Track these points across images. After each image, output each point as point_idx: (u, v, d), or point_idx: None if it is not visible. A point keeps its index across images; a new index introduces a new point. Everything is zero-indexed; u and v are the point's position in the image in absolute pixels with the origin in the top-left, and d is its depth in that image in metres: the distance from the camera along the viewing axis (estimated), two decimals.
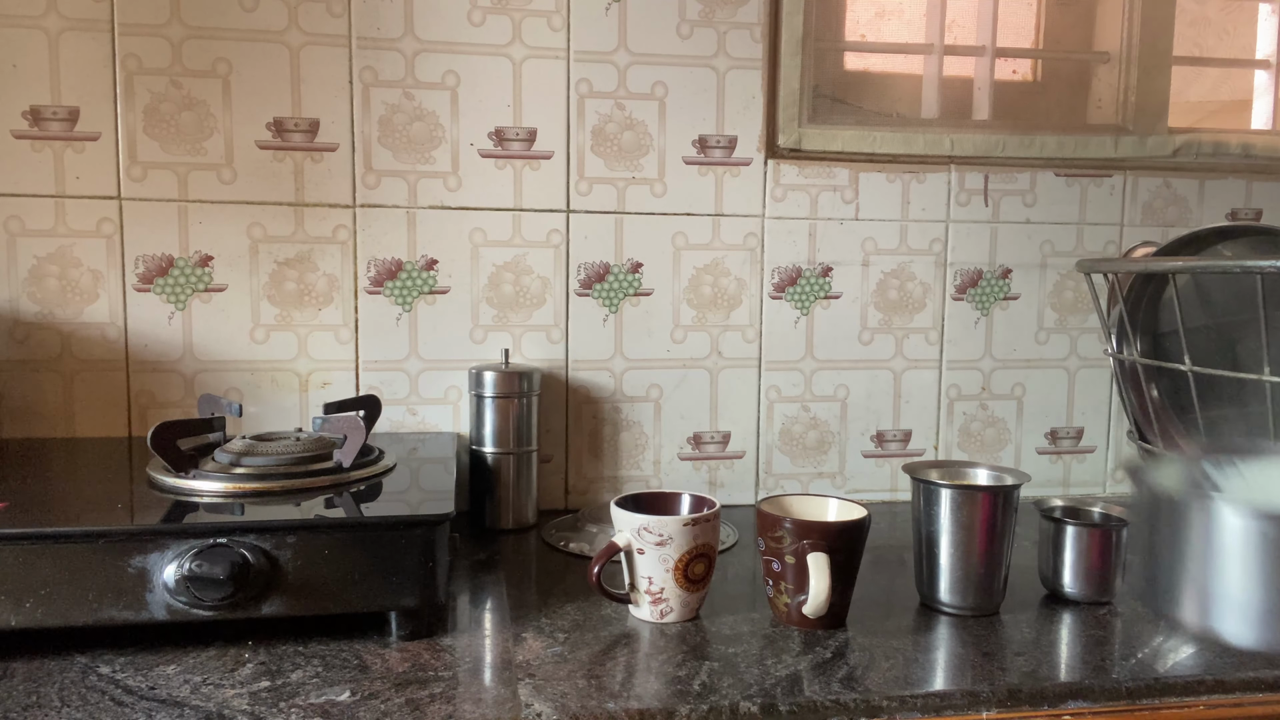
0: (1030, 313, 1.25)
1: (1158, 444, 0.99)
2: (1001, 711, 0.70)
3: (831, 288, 1.20)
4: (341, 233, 1.09)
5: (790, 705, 0.67)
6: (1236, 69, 1.36)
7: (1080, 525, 0.87)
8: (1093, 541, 0.86)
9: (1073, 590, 0.87)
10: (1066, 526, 0.87)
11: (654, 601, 0.81)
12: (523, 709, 0.65)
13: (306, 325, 1.10)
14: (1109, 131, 1.25)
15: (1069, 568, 0.87)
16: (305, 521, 0.75)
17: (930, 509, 0.84)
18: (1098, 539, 0.86)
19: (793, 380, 1.20)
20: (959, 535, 0.83)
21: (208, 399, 0.97)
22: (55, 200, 1.04)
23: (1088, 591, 0.87)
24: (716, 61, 1.15)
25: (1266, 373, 0.81)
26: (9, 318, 1.04)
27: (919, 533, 0.86)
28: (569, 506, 1.17)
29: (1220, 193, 1.27)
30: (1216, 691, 0.72)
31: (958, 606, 0.84)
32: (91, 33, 1.03)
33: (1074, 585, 0.87)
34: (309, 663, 0.71)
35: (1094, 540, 0.86)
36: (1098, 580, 0.86)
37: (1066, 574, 0.87)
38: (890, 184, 1.20)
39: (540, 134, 1.12)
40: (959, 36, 1.28)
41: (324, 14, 1.07)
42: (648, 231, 1.15)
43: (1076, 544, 0.86)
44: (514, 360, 1.13)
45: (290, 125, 1.07)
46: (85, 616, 0.70)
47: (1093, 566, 0.86)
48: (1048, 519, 0.89)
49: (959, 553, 0.83)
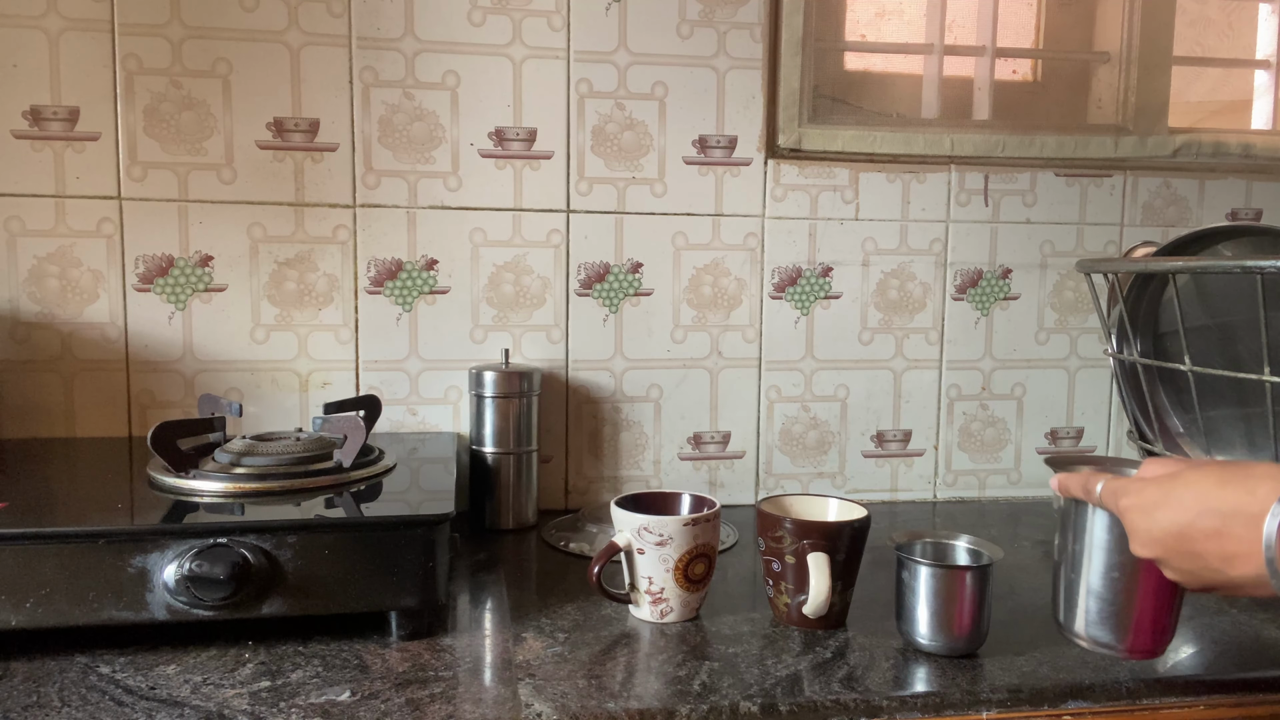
0: (1030, 313, 1.25)
1: (1158, 444, 0.99)
2: (1001, 711, 0.70)
3: (831, 288, 1.20)
4: (341, 233, 1.09)
5: (790, 705, 0.67)
6: (1236, 69, 1.36)
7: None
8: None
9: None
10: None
11: (654, 601, 0.81)
12: (523, 709, 0.65)
13: (306, 325, 1.10)
14: (1109, 131, 1.25)
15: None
16: (305, 521, 0.75)
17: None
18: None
19: (793, 380, 1.20)
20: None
21: (208, 399, 0.97)
22: (55, 200, 1.04)
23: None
24: (716, 61, 1.15)
25: (1266, 373, 0.81)
26: (9, 318, 1.04)
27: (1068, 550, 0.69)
28: (569, 506, 1.17)
29: (1220, 193, 1.27)
30: (1216, 691, 0.72)
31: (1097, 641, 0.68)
32: (91, 33, 1.03)
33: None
34: (309, 663, 0.71)
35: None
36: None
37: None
38: (890, 184, 1.20)
39: (540, 134, 1.12)
40: (959, 36, 1.28)
41: (324, 14, 1.07)
42: (648, 231, 1.15)
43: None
44: (514, 360, 1.13)
45: (290, 125, 1.07)
46: (85, 616, 0.70)
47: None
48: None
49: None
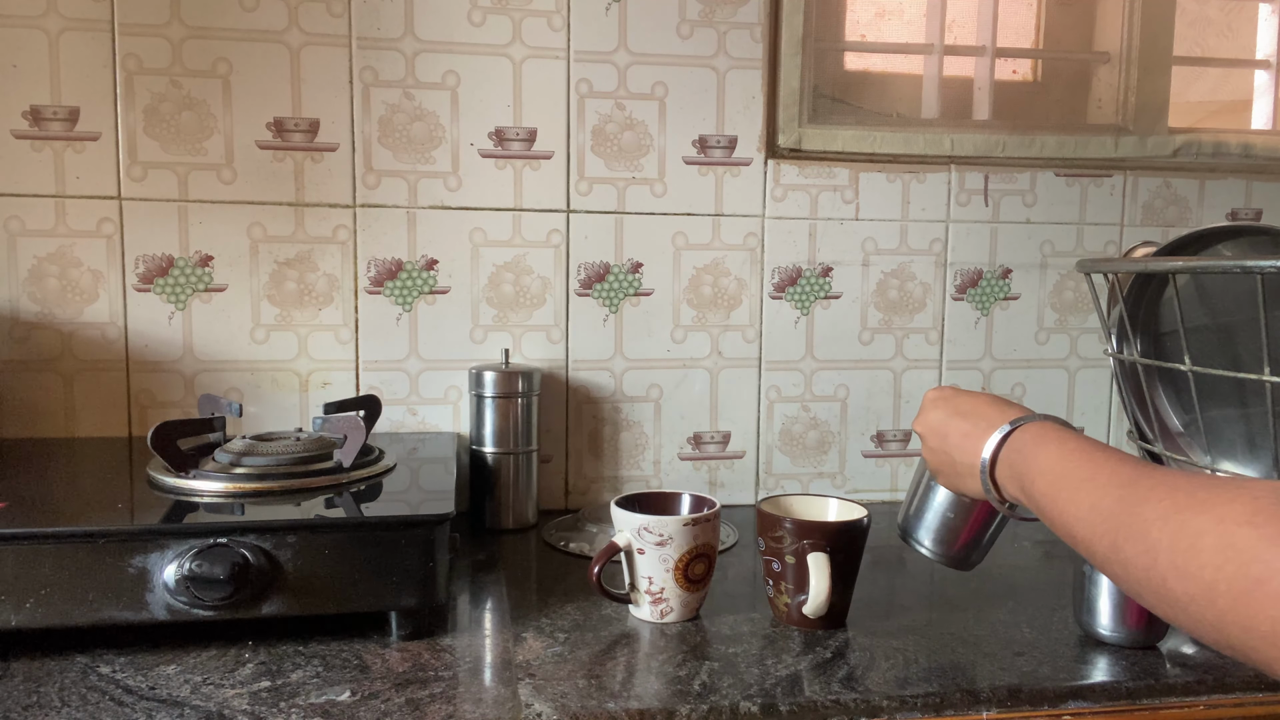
0: (1030, 313, 1.25)
1: (1158, 444, 0.99)
2: (1001, 711, 0.70)
3: (831, 288, 1.20)
4: (341, 233, 1.09)
5: (790, 705, 0.67)
6: (1236, 69, 1.36)
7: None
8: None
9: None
10: None
11: (654, 601, 0.81)
12: (523, 709, 0.65)
13: (306, 325, 1.10)
14: (1109, 131, 1.25)
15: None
16: (305, 521, 0.75)
17: None
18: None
19: (793, 380, 1.20)
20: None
21: (208, 399, 0.97)
22: (55, 200, 1.04)
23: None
24: (716, 61, 1.15)
25: (1266, 373, 0.80)
26: (9, 318, 1.04)
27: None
28: (569, 506, 1.17)
29: (1220, 193, 1.27)
30: (1216, 691, 0.72)
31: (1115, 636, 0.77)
32: (91, 33, 1.03)
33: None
34: (309, 663, 0.71)
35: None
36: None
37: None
38: (890, 184, 1.20)
39: (540, 134, 1.12)
40: (959, 36, 1.28)
41: (324, 14, 1.07)
42: (648, 231, 1.15)
43: None
44: (514, 360, 1.13)
45: (290, 125, 1.07)
46: (85, 616, 0.70)
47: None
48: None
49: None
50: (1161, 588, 0.44)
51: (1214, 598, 0.40)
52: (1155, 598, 0.45)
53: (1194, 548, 0.42)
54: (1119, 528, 0.48)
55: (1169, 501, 0.45)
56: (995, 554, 1.01)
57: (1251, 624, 0.39)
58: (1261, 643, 0.38)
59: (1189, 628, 0.43)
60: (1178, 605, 0.43)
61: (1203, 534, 0.42)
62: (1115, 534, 0.48)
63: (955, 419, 0.68)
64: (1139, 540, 0.46)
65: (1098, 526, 0.50)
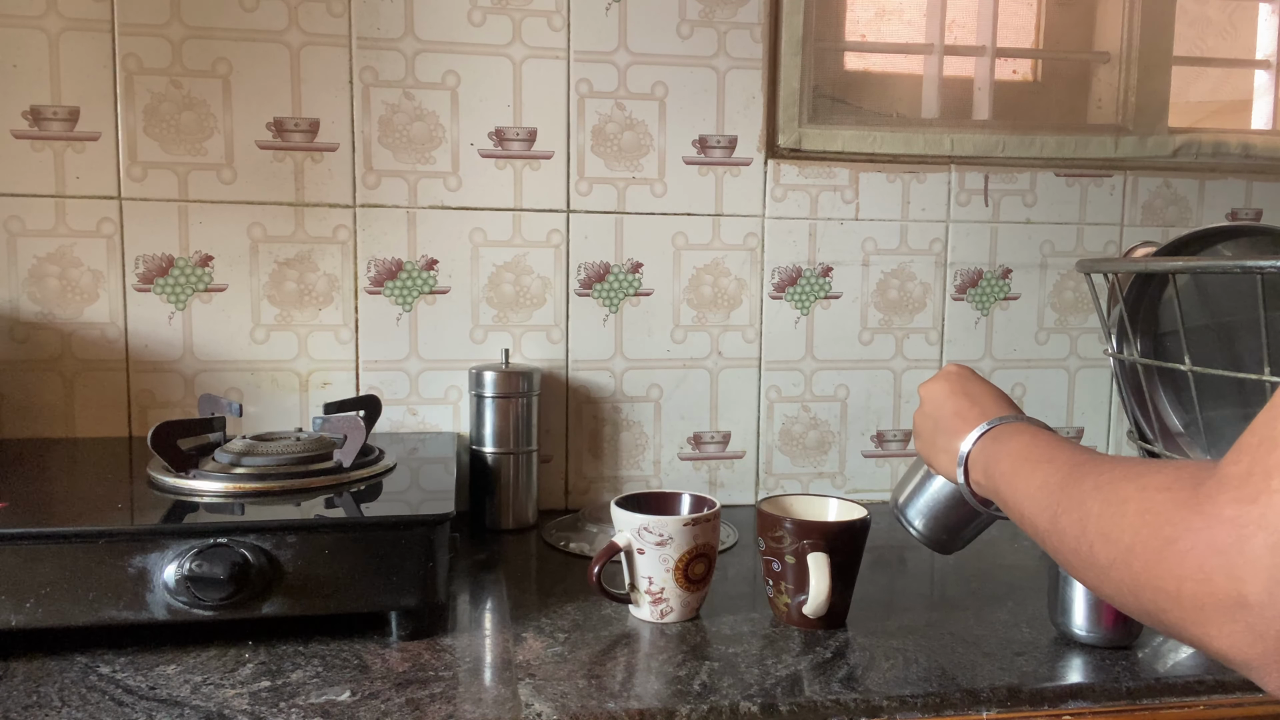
0: (1030, 313, 1.25)
1: (1158, 444, 0.99)
2: (1001, 711, 0.70)
3: (831, 288, 1.20)
4: (341, 233, 1.09)
5: (790, 705, 0.67)
6: (1237, 69, 1.35)
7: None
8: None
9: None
10: None
11: (654, 601, 0.81)
12: (523, 709, 0.65)
13: (306, 325, 1.10)
14: (1109, 131, 1.25)
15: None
16: (305, 521, 0.75)
17: None
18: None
19: (793, 380, 1.20)
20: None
21: (208, 399, 0.97)
22: (55, 200, 1.04)
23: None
24: (716, 61, 1.15)
25: (1266, 373, 0.80)
26: (9, 318, 1.04)
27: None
28: (569, 506, 1.17)
29: (1220, 193, 1.27)
30: (1216, 691, 0.72)
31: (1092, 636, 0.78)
32: (91, 33, 1.03)
33: None
34: (309, 663, 0.71)
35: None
36: None
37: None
38: (890, 184, 1.20)
39: (540, 134, 1.12)
40: (959, 36, 1.28)
41: (324, 14, 1.07)
42: (648, 231, 1.15)
43: None
44: (514, 360, 1.13)
45: (290, 125, 1.07)
46: (85, 616, 0.70)
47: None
48: None
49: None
50: (1089, 555, 0.45)
51: (1130, 560, 0.41)
52: (1084, 565, 0.46)
53: (1118, 513, 0.43)
54: (1060, 500, 0.49)
55: (1106, 475, 0.46)
56: (995, 554, 1.02)
57: (1161, 584, 0.39)
58: (1170, 603, 0.39)
59: (1112, 595, 0.44)
60: (1102, 571, 0.44)
61: (1127, 500, 0.43)
62: (1055, 507, 0.50)
63: (957, 396, 0.70)
64: (1074, 510, 0.47)
65: (1041, 501, 0.52)
